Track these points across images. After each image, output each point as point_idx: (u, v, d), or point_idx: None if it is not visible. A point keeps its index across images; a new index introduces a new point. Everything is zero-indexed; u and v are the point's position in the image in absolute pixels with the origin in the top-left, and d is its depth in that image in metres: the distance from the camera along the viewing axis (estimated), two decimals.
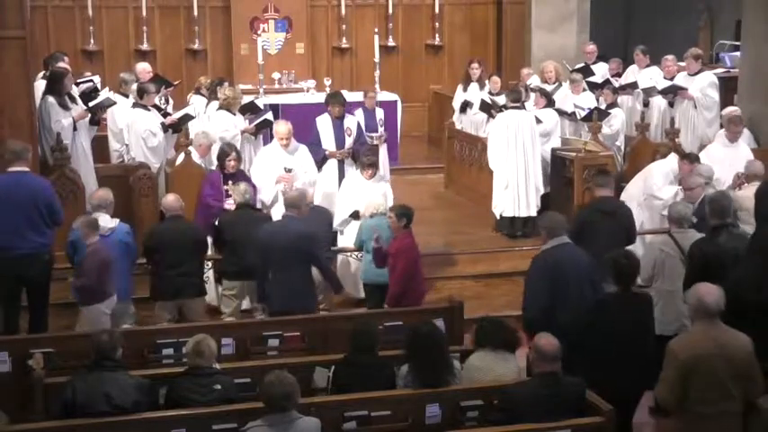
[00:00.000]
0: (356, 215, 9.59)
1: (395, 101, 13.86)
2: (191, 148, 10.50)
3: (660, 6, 19.15)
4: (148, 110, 10.97)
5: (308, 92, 13.85)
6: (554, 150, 11.50)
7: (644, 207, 10.21)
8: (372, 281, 8.98)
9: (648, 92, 12.81)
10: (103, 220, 8.36)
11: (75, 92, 11.04)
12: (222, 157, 9.65)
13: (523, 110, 11.33)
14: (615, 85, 12.99)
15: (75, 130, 10.25)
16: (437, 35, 16.53)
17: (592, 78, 13.12)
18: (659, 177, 10.19)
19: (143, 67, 12.81)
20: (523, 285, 7.37)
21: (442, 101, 15.48)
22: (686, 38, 16.59)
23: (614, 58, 14.53)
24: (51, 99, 10.08)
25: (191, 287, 8.61)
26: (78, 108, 10.44)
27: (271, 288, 8.24)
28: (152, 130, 10.78)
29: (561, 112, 12.16)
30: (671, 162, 10.33)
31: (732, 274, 6.95)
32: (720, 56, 16.62)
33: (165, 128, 10.97)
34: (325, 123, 10.83)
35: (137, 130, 10.81)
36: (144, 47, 15.45)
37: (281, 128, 10.14)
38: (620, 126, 12.18)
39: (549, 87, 12.79)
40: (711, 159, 10.06)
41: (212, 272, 9.32)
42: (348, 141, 10.84)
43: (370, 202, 9.25)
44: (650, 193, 10.14)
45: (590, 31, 15.49)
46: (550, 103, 12.00)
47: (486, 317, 7.08)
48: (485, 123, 12.95)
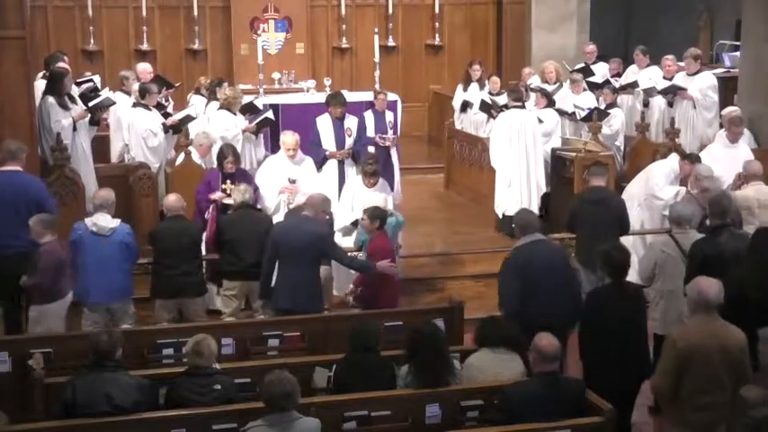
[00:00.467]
0: (357, 224, 9.55)
1: (395, 101, 13.83)
2: (191, 148, 10.51)
3: (660, 6, 19.15)
4: (149, 110, 10.97)
5: (308, 92, 13.84)
6: (554, 150, 11.50)
7: (644, 207, 10.21)
8: None
9: (648, 92, 12.81)
10: (104, 221, 8.35)
11: (76, 92, 11.05)
12: (220, 157, 9.69)
13: (525, 109, 11.33)
14: (615, 85, 13.00)
15: (75, 130, 10.26)
16: (437, 35, 16.54)
17: (592, 78, 13.13)
18: (660, 178, 10.19)
19: (143, 68, 12.80)
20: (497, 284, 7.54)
21: (442, 101, 15.49)
22: (686, 38, 16.59)
23: (614, 59, 14.53)
24: (51, 99, 10.09)
25: (191, 287, 8.62)
26: (78, 108, 10.44)
27: (277, 286, 8.22)
28: (153, 130, 10.79)
29: (561, 113, 12.16)
30: (671, 162, 10.33)
31: (732, 274, 6.96)
32: (720, 56, 16.62)
33: (166, 128, 10.98)
34: (325, 123, 10.82)
35: (137, 129, 10.81)
36: (144, 47, 15.45)
37: (288, 138, 9.98)
38: (619, 126, 12.19)
39: (550, 87, 12.80)
40: (712, 159, 10.05)
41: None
42: (348, 142, 10.84)
43: (370, 201, 9.24)
44: (651, 194, 10.14)
45: (590, 31, 15.49)
46: (551, 103, 12.00)
47: (488, 316, 7.09)
48: (485, 123, 12.97)
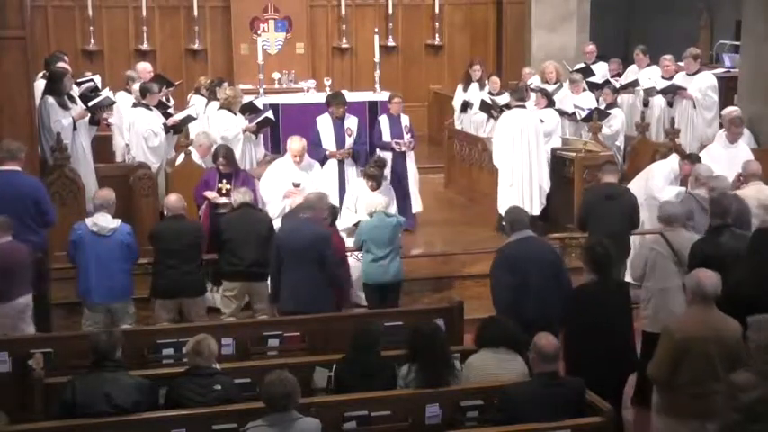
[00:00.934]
0: (358, 225, 9.52)
1: None
2: (191, 148, 10.51)
3: (660, 6, 19.15)
4: (150, 109, 10.97)
5: (308, 92, 13.85)
6: (554, 150, 11.50)
7: (645, 207, 10.20)
8: (373, 281, 8.98)
9: (649, 92, 12.81)
10: (105, 221, 8.35)
11: (76, 92, 11.06)
12: (213, 158, 9.77)
13: (527, 109, 11.33)
14: (615, 85, 13.00)
15: (75, 129, 10.27)
16: (437, 35, 16.54)
17: (592, 78, 13.13)
18: (659, 178, 10.20)
19: (143, 67, 12.82)
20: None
21: (442, 101, 15.49)
22: (686, 38, 16.58)
23: (614, 59, 14.53)
24: (51, 99, 10.10)
25: (191, 287, 8.62)
26: (78, 108, 10.45)
27: (281, 288, 8.22)
28: (153, 130, 10.79)
29: (562, 113, 12.16)
30: (671, 163, 10.33)
31: (732, 274, 6.97)
32: (720, 56, 16.63)
33: (167, 129, 10.98)
34: (325, 123, 10.83)
35: (138, 129, 10.81)
36: (144, 47, 15.46)
37: (294, 144, 9.94)
38: (619, 126, 12.19)
39: (550, 88, 12.80)
40: (711, 160, 10.05)
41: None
42: (348, 141, 10.84)
43: (370, 201, 9.24)
44: (651, 195, 10.14)
45: (590, 31, 15.49)
46: (551, 103, 12.00)
47: (488, 317, 7.09)
48: (485, 123, 12.98)
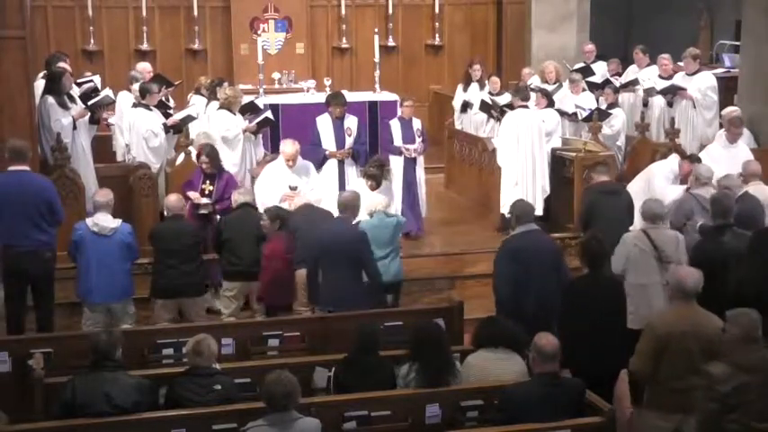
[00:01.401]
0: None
1: (395, 101, 13.84)
2: (191, 148, 10.51)
3: (660, 6, 19.14)
4: (150, 110, 10.97)
5: (308, 92, 13.83)
6: (554, 150, 11.50)
7: None
8: None
9: (649, 92, 12.80)
10: (106, 221, 8.36)
11: (77, 92, 11.05)
12: (197, 156, 9.77)
13: (530, 109, 11.33)
14: (616, 84, 12.99)
15: (75, 129, 10.27)
16: (437, 35, 16.52)
17: (591, 78, 13.12)
18: (660, 179, 10.19)
19: (143, 67, 12.80)
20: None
21: (442, 101, 15.48)
22: (686, 38, 16.57)
23: (613, 59, 14.53)
24: (50, 99, 10.09)
25: (191, 287, 8.63)
26: (78, 107, 10.45)
27: (321, 289, 8.26)
28: (153, 131, 10.77)
29: (562, 113, 12.15)
30: (671, 163, 10.33)
31: (733, 275, 6.98)
32: (720, 56, 16.62)
33: (167, 128, 10.97)
34: (325, 123, 10.82)
35: (138, 129, 10.80)
36: (144, 47, 15.45)
37: (287, 148, 9.90)
38: (620, 126, 12.18)
39: (550, 87, 12.79)
40: (711, 160, 10.05)
41: None
42: (348, 141, 10.83)
43: (371, 200, 9.24)
44: (653, 197, 10.10)
45: (590, 31, 15.48)
46: (551, 103, 12.00)
47: (486, 318, 7.10)
48: (485, 123, 12.97)
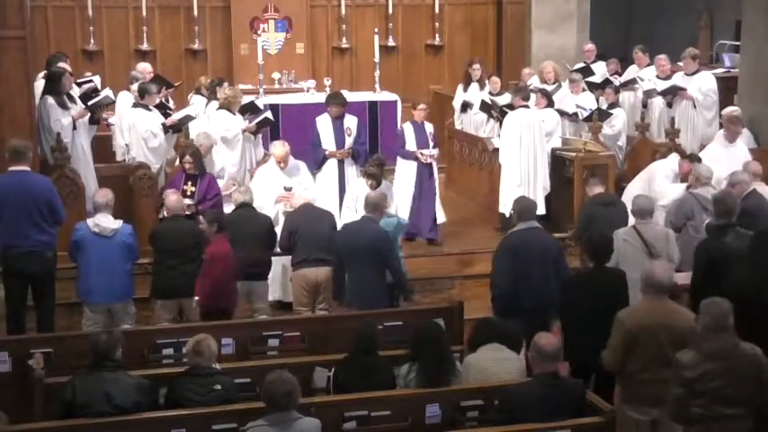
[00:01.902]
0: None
1: (395, 101, 13.85)
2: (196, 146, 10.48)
3: (660, 6, 19.15)
4: (149, 110, 10.97)
5: (308, 92, 13.84)
6: (554, 150, 11.50)
7: None
8: None
9: (649, 93, 12.79)
10: (106, 221, 8.35)
11: (77, 92, 11.05)
12: (180, 156, 9.75)
13: (530, 109, 11.33)
14: (616, 83, 12.99)
15: (75, 129, 10.27)
16: (437, 35, 16.51)
17: (591, 78, 13.12)
18: (661, 179, 10.19)
19: (143, 67, 12.80)
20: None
21: (442, 101, 15.46)
22: (686, 38, 16.58)
23: (612, 59, 14.52)
24: (50, 99, 10.09)
25: (191, 287, 8.61)
26: (77, 107, 10.45)
27: (347, 287, 8.33)
28: (153, 131, 10.77)
29: (562, 113, 12.15)
30: (671, 162, 10.33)
31: (733, 275, 6.99)
32: (720, 56, 16.62)
33: (166, 128, 10.97)
34: (324, 123, 10.81)
35: (137, 130, 10.80)
36: (144, 47, 15.43)
37: (278, 150, 9.89)
38: (621, 126, 12.18)
39: (549, 87, 12.79)
40: (710, 160, 10.05)
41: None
42: (348, 141, 10.82)
43: None
44: (654, 196, 10.11)
45: (590, 31, 15.47)
46: (551, 103, 12.00)
47: (481, 319, 7.17)
48: (485, 123, 12.97)
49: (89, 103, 10.64)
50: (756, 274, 6.94)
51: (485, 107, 12.62)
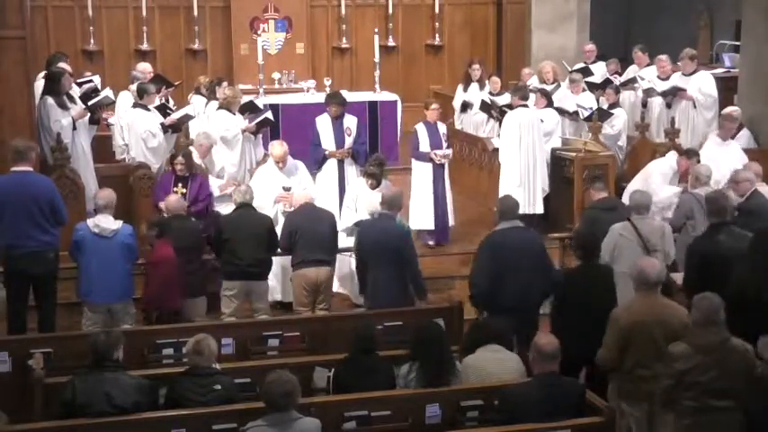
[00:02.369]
0: (360, 224, 9.51)
1: (395, 101, 13.85)
2: (191, 148, 10.49)
3: (660, 6, 19.15)
4: (148, 110, 10.97)
5: (308, 92, 13.85)
6: (554, 150, 11.51)
7: None
8: None
9: (648, 92, 12.80)
10: (107, 222, 8.34)
11: (77, 92, 11.05)
12: (170, 158, 9.70)
13: (529, 108, 11.32)
14: (616, 83, 12.99)
15: (75, 129, 10.27)
16: (437, 35, 16.54)
17: (591, 78, 13.12)
18: (658, 177, 10.20)
19: (143, 67, 12.81)
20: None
21: (442, 101, 15.43)
22: (686, 38, 16.57)
23: (613, 59, 14.52)
24: (50, 99, 10.09)
25: (191, 287, 8.62)
26: (77, 107, 10.45)
27: (368, 286, 8.30)
28: (152, 131, 10.78)
29: (562, 112, 12.15)
30: (670, 161, 10.33)
31: (734, 275, 6.99)
32: (720, 56, 16.62)
33: (165, 128, 10.98)
34: (324, 123, 10.81)
35: (136, 130, 10.81)
36: (144, 47, 15.46)
37: (276, 150, 9.85)
38: (622, 126, 12.17)
39: (548, 87, 12.79)
40: (706, 160, 10.07)
41: None
42: (348, 141, 10.82)
43: (371, 201, 9.24)
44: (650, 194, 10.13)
45: (590, 31, 15.49)
46: (550, 103, 12.00)
47: (473, 322, 7.25)
48: (485, 123, 12.98)
49: (89, 104, 10.64)
50: (757, 274, 6.94)
51: (485, 107, 12.63)
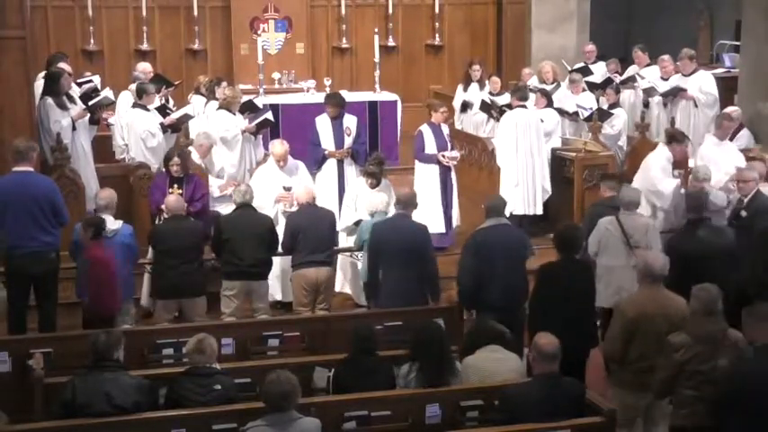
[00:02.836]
0: (359, 224, 9.50)
1: (395, 101, 13.85)
2: (191, 148, 10.49)
3: (660, 6, 19.15)
4: (148, 110, 10.96)
5: (307, 92, 13.84)
6: (554, 150, 11.50)
7: (647, 203, 10.19)
8: None
9: (648, 92, 12.79)
10: (107, 222, 8.34)
11: (77, 92, 11.05)
12: (165, 160, 9.65)
13: (528, 108, 11.32)
14: (616, 82, 12.99)
15: (75, 129, 10.26)
16: (437, 35, 16.53)
17: (591, 78, 13.12)
18: (657, 170, 10.16)
19: (143, 67, 12.81)
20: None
21: (442, 101, 15.46)
22: (686, 38, 16.56)
23: (613, 59, 14.52)
24: (49, 99, 10.09)
25: (190, 287, 8.62)
26: (77, 108, 10.45)
27: (383, 286, 8.24)
28: (151, 131, 10.78)
29: (562, 112, 12.15)
30: (664, 153, 10.25)
31: (734, 275, 7.01)
32: (720, 56, 16.62)
33: (165, 128, 10.97)
34: (324, 123, 10.81)
35: (136, 130, 10.81)
36: (144, 47, 15.45)
37: (277, 149, 9.84)
38: (622, 126, 12.16)
39: (548, 87, 12.79)
40: (704, 161, 10.06)
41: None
42: (348, 141, 10.82)
43: (371, 200, 9.24)
44: (652, 187, 10.09)
45: (590, 31, 15.49)
46: (550, 103, 12.00)
47: (472, 324, 7.26)
48: (485, 123, 12.97)
49: (89, 104, 10.64)
50: (757, 274, 6.95)
51: (485, 107, 12.62)
